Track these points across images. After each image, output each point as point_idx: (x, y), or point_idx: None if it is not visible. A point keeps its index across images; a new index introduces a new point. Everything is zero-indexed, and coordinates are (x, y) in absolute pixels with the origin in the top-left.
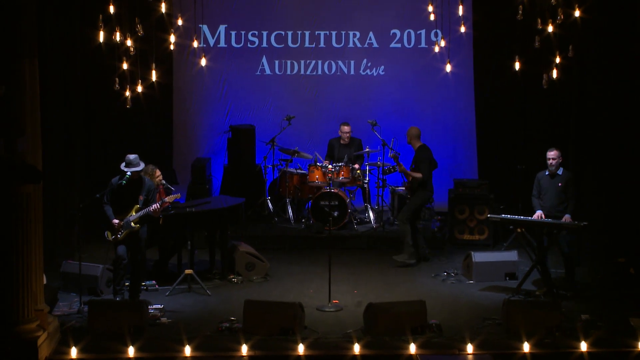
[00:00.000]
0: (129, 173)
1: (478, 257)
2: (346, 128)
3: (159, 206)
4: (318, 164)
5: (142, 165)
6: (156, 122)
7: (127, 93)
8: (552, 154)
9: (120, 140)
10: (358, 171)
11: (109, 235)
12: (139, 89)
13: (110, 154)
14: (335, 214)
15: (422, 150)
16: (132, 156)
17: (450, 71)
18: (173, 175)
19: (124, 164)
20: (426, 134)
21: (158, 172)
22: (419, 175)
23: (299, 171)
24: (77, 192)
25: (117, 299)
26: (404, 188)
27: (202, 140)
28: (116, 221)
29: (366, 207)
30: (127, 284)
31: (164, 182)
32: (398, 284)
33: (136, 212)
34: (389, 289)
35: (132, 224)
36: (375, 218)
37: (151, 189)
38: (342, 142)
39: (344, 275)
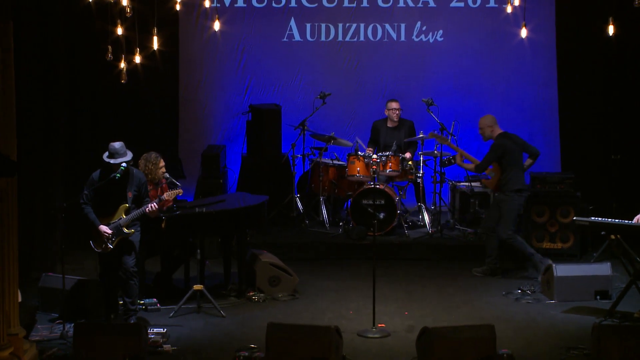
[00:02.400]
0: (124, 165)
1: (561, 270)
2: (394, 104)
3: (156, 205)
4: (359, 153)
5: (130, 154)
6: (158, 100)
7: (122, 65)
8: None
9: (113, 123)
10: (410, 162)
11: (95, 245)
12: (137, 59)
13: (101, 141)
14: (381, 215)
15: (497, 138)
16: (117, 144)
17: (527, 37)
18: (179, 167)
19: (106, 154)
20: (496, 117)
21: (162, 163)
22: (473, 164)
23: (335, 162)
24: (60, 188)
25: (112, 316)
26: (479, 184)
27: (215, 124)
28: (105, 229)
29: (420, 207)
30: (121, 302)
31: (167, 175)
32: (460, 304)
33: (126, 213)
34: (448, 311)
35: (124, 229)
36: (431, 221)
37: (142, 182)
38: (389, 124)
39: (391, 293)
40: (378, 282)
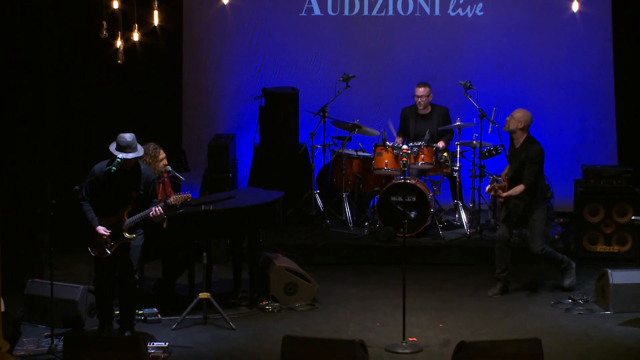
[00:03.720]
0: (120, 157)
1: (617, 277)
2: (420, 90)
3: (161, 210)
4: (388, 143)
5: (141, 150)
6: (159, 84)
7: (119, 43)
8: None
9: (107, 110)
10: (445, 154)
11: (93, 250)
12: (135, 37)
13: (94, 130)
14: (412, 214)
15: (530, 145)
16: (128, 136)
17: (578, 10)
18: (182, 159)
19: (114, 145)
20: (544, 102)
21: (162, 154)
22: (521, 188)
23: (360, 154)
24: (49, 183)
25: (105, 327)
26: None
27: (224, 110)
28: (103, 230)
29: (456, 204)
30: (117, 312)
31: (169, 168)
32: (502, 316)
33: (129, 215)
34: (489, 322)
35: (126, 233)
36: (470, 221)
37: (150, 180)
38: (419, 111)
39: (424, 302)
40: (409, 289)
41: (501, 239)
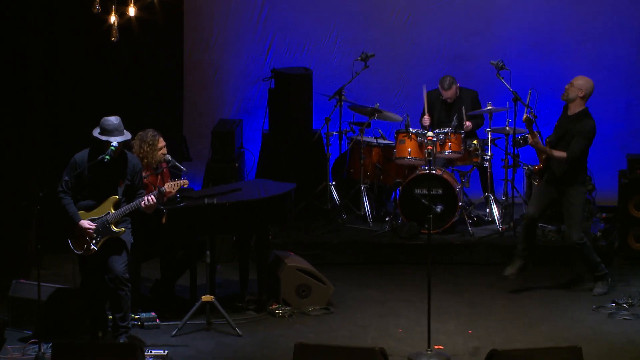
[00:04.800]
0: (114, 144)
1: None
2: (448, 93)
3: (154, 199)
4: (411, 129)
5: (128, 134)
6: (157, 64)
7: (113, 19)
8: None
9: (100, 93)
10: (474, 141)
11: (76, 246)
12: (131, 11)
13: (85, 116)
14: (439, 208)
15: (585, 117)
16: (114, 119)
17: None
18: (183, 147)
19: (98, 130)
20: None
21: (162, 142)
22: (562, 155)
23: (380, 141)
24: (35, 175)
25: (100, 333)
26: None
27: (229, 93)
28: (87, 224)
29: (487, 197)
30: (110, 316)
31: (169, 157)
32: (538, 321)
33: (116, 207)
34: (523, 329)
35: (113, 227)
36: (502, 216)
37: (137, 169)
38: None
39: (451, 306)
40: (434, 292)
41: (529, 219)
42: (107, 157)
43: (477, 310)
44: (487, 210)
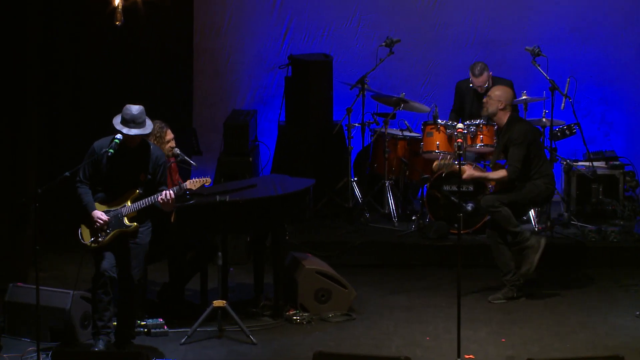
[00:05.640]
0: (119, 137)
1: None
2: (479, 80)
3: (173, 194)
4: (439, 121)
5: (149, 126)
6: (165, 50)
7: (117, 1)
8: None
9: (102, 82)
10: None
11: (85, 236)
12: None
13: (86, 106)
14: (469, 206)
15: (512, 125)
16: (135, 109)
17: None
18: (193, 140)
19: (119, 119)
20: (626, 71)
21: (170, 135)
22: (502, 174)
23: (406, 134)
24: (32, 170)
25: (99, 347)
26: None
27: (243, 82)
28: (100, 215)
29: None
30: (115, 323)
31: (177, 150)
32: (577, 328)
33: (133, 201)
34: (561, 337)
35: (126, 220)
36: (538, 214)
37: (159, 162)
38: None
39: (483, 312)
40: (464, 297)
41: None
42: (111, 150)
43: (511, 317)
44: None
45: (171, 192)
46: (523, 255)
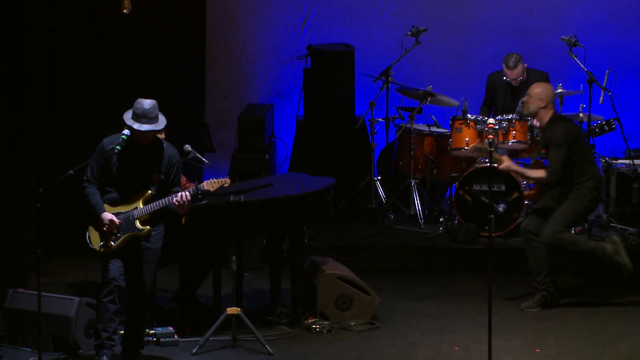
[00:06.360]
0: (126, 132)
1: None
2: (514, 73)
3: (189, 196)
4: (469, 116)
5: (162, 121)
6: (175, 40)
7: None
8: None
9: (107, 74)
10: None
11: (93, 240)
12: None
13: (90, 100)
14: (501, 207)
15: (553, 125)
16: (147, 103)
17: None
18: (205, 136)
19: (130, 114)
20: None
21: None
22: (541, 174)
23: (434, 129)
24: (33, 168)
25: (104, 358)
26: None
27: (258, 74)
28: (110, 217)
29: None
30: (122, 331)
31: (189, 147)
32: (617, 338)
33: (145, 202)
34: (599, 347)
35: (138, 223)
36: None
37: (173, 162)
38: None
39: (516, 320)
40: (496, 304)
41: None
42: (118, 147)
43: (546, 326)
44: None
45: (187, 193)
46: (613, 262)
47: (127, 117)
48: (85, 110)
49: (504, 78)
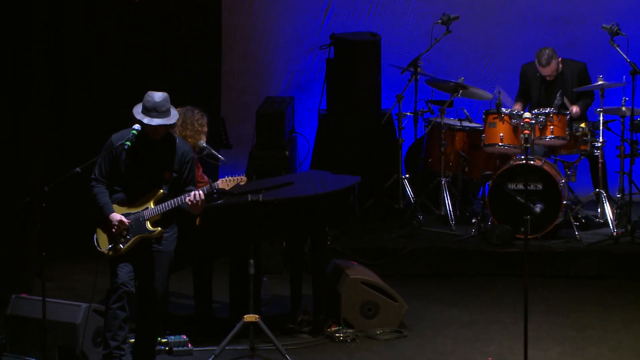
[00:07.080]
0: (136, 127)
1: None
2: (547, 70)
3: (202, 195)
4: (504, 109)
5: (174, 115)
6: (189, 30)
7: None
8: None
9: (116, 66)
10: (582, 125)
11: (101, 243)
12: None
13: (98, 93)
14: (538, 208)
15: None
16: (158, 95)
17: None
18: (221, 132)
19: (140, 108)
20: None
21: (205, 126)
22: None
23: (465, 124)
24: (38, 166)
25: None
26: None
27: (278, 65)
28: (119, 218)
29: (598, 195)
30: (132, 340)
31: (204, 143)
32: None
33: (157, 202)
34: None
35: (149, 224)
36: (617, 217)
37: (186, 159)
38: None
39: (554, 329)
40: (532, 312)
41: None
42: (128, 143)
43: (586, 335)
44: (599, 210)
45: (201, 192)
46: None
47: (137, 111)
48: (93, 105)
49: (537, 73)
